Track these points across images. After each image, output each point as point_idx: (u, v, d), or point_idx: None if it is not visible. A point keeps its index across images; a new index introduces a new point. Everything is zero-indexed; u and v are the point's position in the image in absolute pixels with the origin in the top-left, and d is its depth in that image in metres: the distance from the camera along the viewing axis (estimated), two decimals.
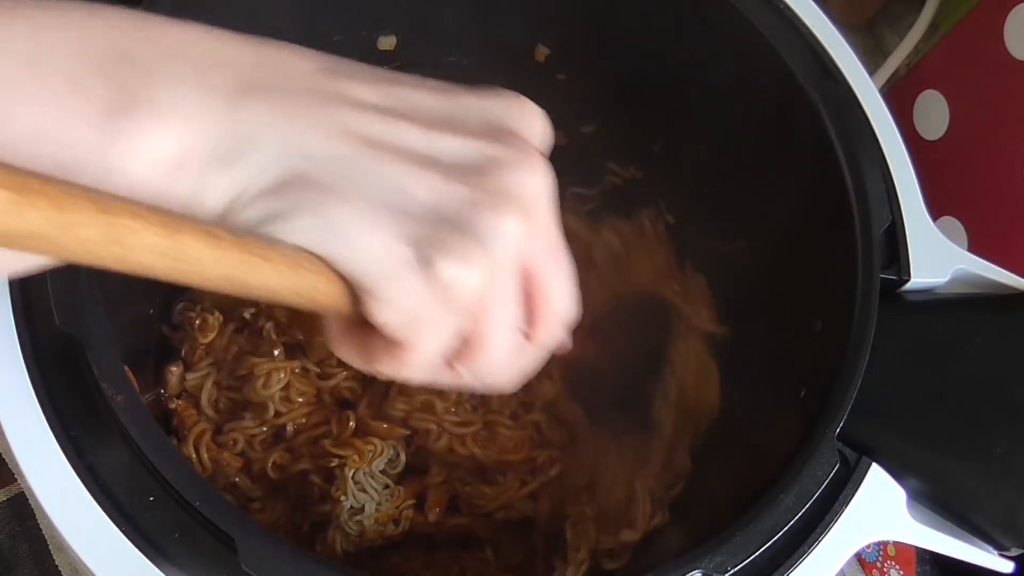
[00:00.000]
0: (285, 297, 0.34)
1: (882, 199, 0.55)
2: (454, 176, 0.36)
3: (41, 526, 0.72)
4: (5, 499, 0.73)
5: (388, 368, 0.38)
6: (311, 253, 0.34)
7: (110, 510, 0.43)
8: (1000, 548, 0.50)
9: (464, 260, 0.35)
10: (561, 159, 0.42)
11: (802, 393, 0.56)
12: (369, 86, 0.37)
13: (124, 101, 0.32)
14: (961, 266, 0.54)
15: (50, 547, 0.72)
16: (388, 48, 0.74)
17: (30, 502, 0.72)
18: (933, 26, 0.90)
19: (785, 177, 0.63)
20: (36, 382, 0.46)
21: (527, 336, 0.41)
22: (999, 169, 0.72)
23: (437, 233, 0.35)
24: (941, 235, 0.55)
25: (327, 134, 0.35)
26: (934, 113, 0.79)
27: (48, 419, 0.45)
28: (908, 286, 0.55)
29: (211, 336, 0.67)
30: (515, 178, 0.37)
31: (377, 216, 0.34)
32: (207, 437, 0.66)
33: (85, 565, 0.43)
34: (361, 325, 0.38)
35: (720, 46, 0.63)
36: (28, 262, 0.35)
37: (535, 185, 0.37)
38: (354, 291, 0.35)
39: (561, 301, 0.41)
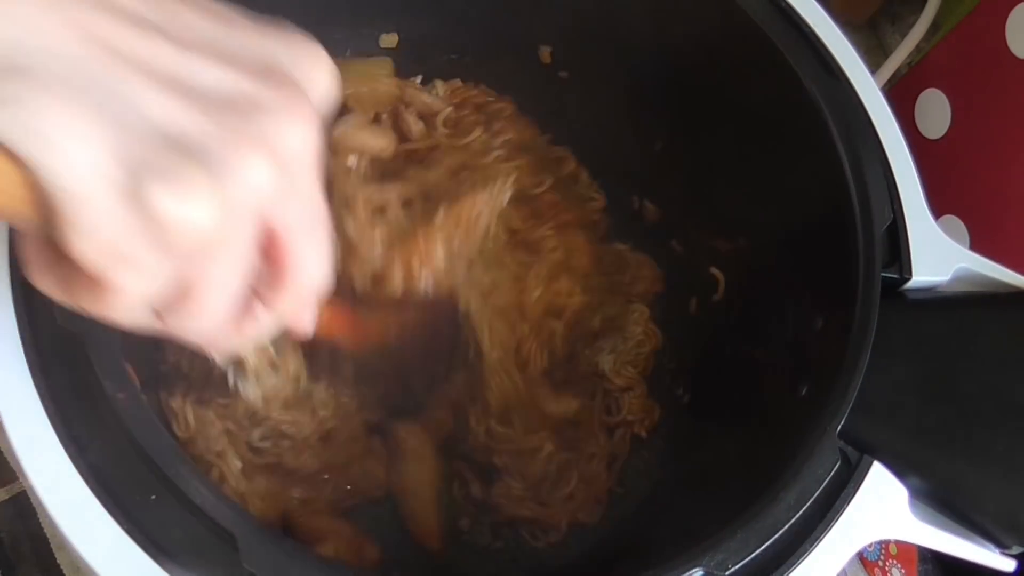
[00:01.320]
0: None
1: (883, 197, 0.55)
2: (200, 106, 0.32)
3: (43, 524, 0.72)
4: (7, 497, 0.73)
5: (90, 307, 0.34)
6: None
7: (112, 508, 0.43)
8: (1002, 546, 0.50)
9: (185, 192, 0.31)
10: None
11: (803, 391, 0.56)
12: None
13: None
14: (963, 264, 0.54)
15: (52, 546, 0.72)
16: (390, 45, 0.74)
17: (31, 500, 0.72)
18: (935, 25, 0.90)
19: (786, 175, 0.63)
20: (37, 379, 0.46)
21: (264, 301, 0.38)
22: (1001, 167, 0.72)
23: (161, 159, 0.31)
24: (943, 233, 0.55)
25: (59, 33, 0.30)
26: (935, 111, 0.79)
27: (49, 417, 0.45)
28: (909, 284, 0.55)
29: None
30: (274, 124, 0.33)
31: (92, 125, 0.30)
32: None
33: (87, 563, 0.43)
34: (63, 252, 0.33)
35: (722, 44, 0.63)
36: None
37: (296, 136, 0.34)
38: (49, 208, 0.31)
39: (309, 273, 0.38)
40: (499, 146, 0.77)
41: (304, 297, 0.39)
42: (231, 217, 0.32)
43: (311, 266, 0.38)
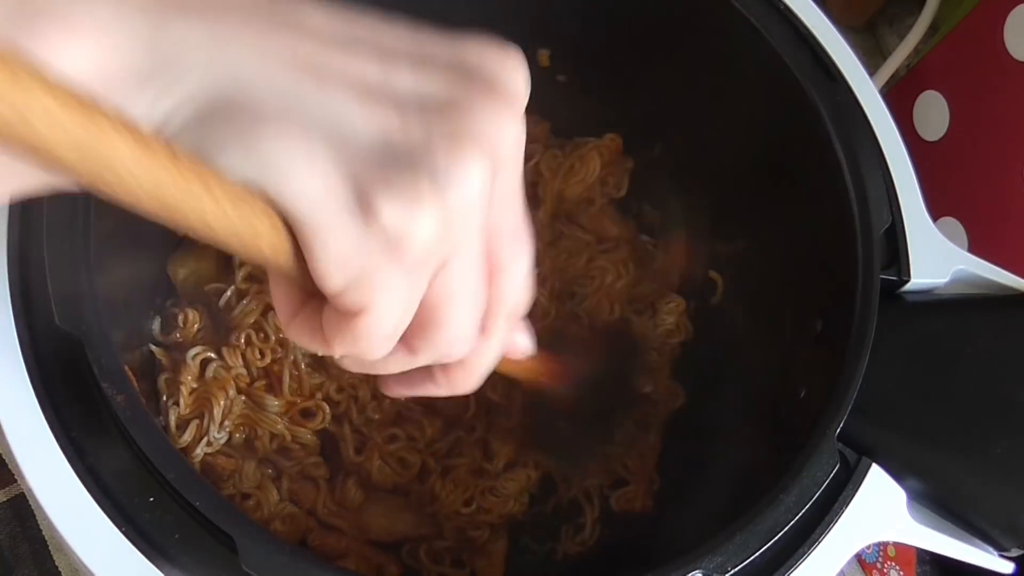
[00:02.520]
0: (224, 238, 0.30)
1: (882, 200, 0.55)
2: (410, 111, 0.31)
3: (41, 527, 0.72)
4: (5, 500, 0.73)
5: (343, 346, 0.34)
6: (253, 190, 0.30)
7: (110, 510, 0.43)
8: (1000, 549, 0.50)
9: (410, 201, 0.30)
10: None
11: (802, 393, 0.56)
12: (327, 16, 0.32)
13: (27, 11, 0.27)
14: (961, 267, 0.55)
15: (50, 548, 0.72)
16: None
17: (30, 503, 0.72)
18: (933, 27, 0.90)
19: (785, 178, 0.63)
20: (36, 382, 0.45)
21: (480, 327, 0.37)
22: (999, 170, 0.72)
23: (382, 171, 0.30)
24: (941, 236, 0.55)
25: (265, 59, 0.30)
26: (934, 114, 0.79)
27: (48, 419, 0.45)
28: (908, 287, 0.55)
29: (193, 328, 0.67)
30: (483, 119, 0.32)
31: (313, 147, 0.30)
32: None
33: (85, 566, 0.43)
34: (313, 298, 0.34)
35: (720, 47, 0.63)
36: None
37: (507, 131, 0.32)
38: (298, 245, 0.31)
39: (519, 289, 0.37)
40: None
41: (514, 317, 0.38)
42: (459, 220, 0.32)
43: (521, 282, 0.37)
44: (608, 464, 0.73)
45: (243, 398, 0.66)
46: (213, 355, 0.66)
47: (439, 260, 0.32)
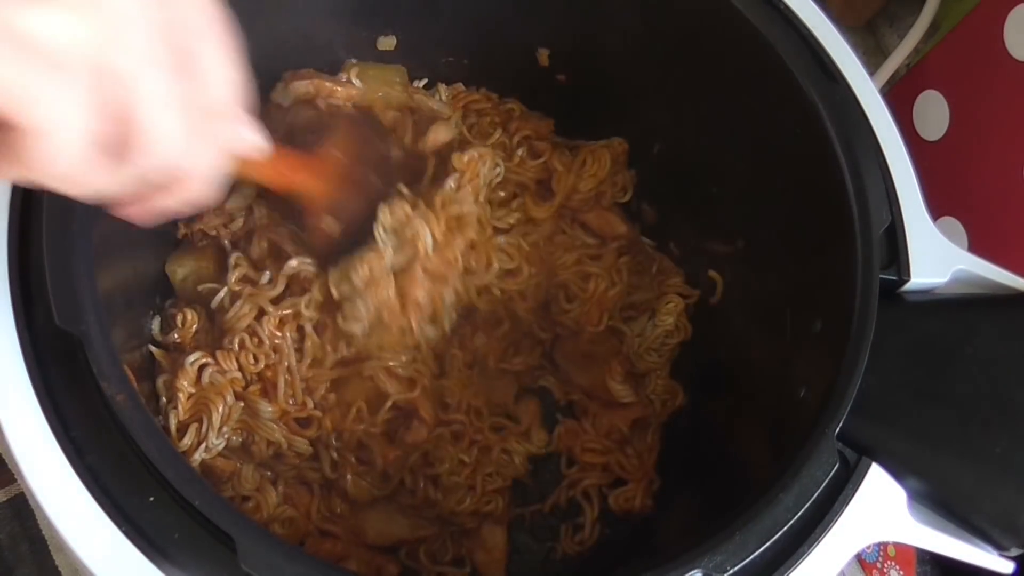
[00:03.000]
0: None
1: (882, 199, 0.55)
2: None
3: (41, 526, 0.72)
4: (5, 499, 0.73)
5: (21, 166, 0.32)
6: None
7: (109, 510, 0.43)
8: (1000, 548, 0.50)
9: (54, 5, 0.29)
10: None
11: (802, 393, 0.56)
12: None
13: None
14: (961, 266, 0.54)
15: (50, 547, 0.72)
16: (388, 48, 0.74)
17: (30, 502, 0.72)
18: (933, 26, 0.90)
19: (784, 177, 0.63)
20: (36, 381, 0.45)
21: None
22: (999, 169, 0.72)
23: None
24: (941, 235, 0.55)
25: None
26: (934, 113, 0.79)
27: (47, 419, 0.45)
28: (908, 286, 0.55)
29: (192, 329, 0.67)
30: None
31: None
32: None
33: (85, 565, 0.43)
34: None
35: (720, 46, 0.63)
36: None
37: None
38: None
39: (219, 82, 0.36)
40: (519, 143, 0.78)
41: (225, 109, 0.37)
42: (123, 17, 0.30)
43: (220, 70, 0.35)
44: None
45: (241, 404, 0.66)
46: (210, 360, 0.66)
47: (105, 60, 0.31)
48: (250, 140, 0.42)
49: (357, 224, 0.66)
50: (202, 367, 0.65)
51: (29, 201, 0.48)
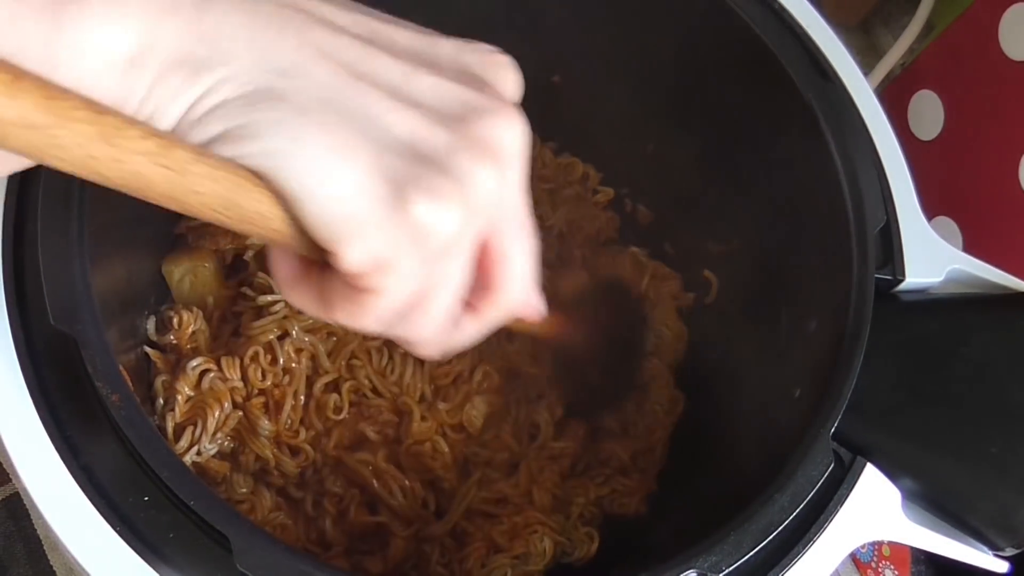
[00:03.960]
0: (227, 219, 0.32)
1: (877, 199, 0.55)
2: (433, 117, 0.34)
3: (36, 526, 0.72)
4: (0, 499, 0.73)
5: (346, 317, 0.36)
6: (262, 177, 0.32)
7: (105, 510, 0.43)
8: (995, 548, 0.50)
9: (443, 200, 0.33)
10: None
11: (797, 393, 0.56)
12: (343, 10, 0.34)
13: None
14: (956, 266, 0.55)
15: (45, 547, 0.72)
16: None
17: (25, 502, 0.72)
18: (928, 26, 0.90)
19: (779, 177, 0.63)
20: (30, 381, 0.45)
21: (473, 307, 0.39)
22: (994, 169, 0.73)
23: (415, 171, 0.33)
24: (936, 235, 0.56)
25: (301, 51, 0.32)
26: (929, 113, 0.79)
27: (43, 419, 0.45)
28: (903, 286, 0.55)
29: (188, 330, 0.67)
30: (494, 127, 0.34)
31: (356, 146, 0.32)
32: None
33: (80, 565, 0.42)
34: (317, 266, 0.35)
35: (714, 45, 0.63)
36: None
37: (513, 138, 0.35)
38: (312, 229, 0.33)
39: (520, 277, 0.39)
40: None
41: (513, 302, 0.40)
42: (472, 219, 0.34)
43: (522, 270, 0.39)
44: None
45: (240, 413, 0.66)
46: (213, 366, 0.65)
47: (447, 249, 0.34)
48: (535, 312, 0.46)
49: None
50: (203, 372, 0.65)
51: (24, 201, 0.48)
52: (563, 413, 0.73)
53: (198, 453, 0.63)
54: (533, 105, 0.77)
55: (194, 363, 0.65)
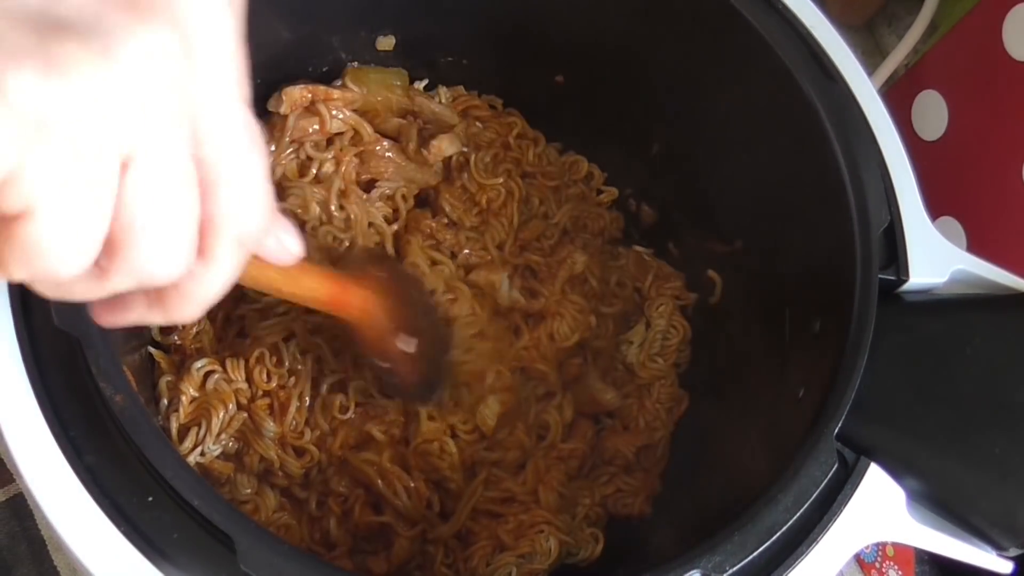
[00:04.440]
0: None
1: (881, 199, 0.55)
2: None
3: (40, 526, 0.72)
4: (4, 499, 0.73)
5: (18, 263, 0.28)
6: None
7: (108, 510, 0.43)
8: (999, 548, 0.50)
9: (57, 62, 0.25)
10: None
11: (801, 393, 0.56)
12: None
13: None
14: (960, 266, 0.54)
15: (49, 547, 0.72)
16: (387, 48, 0.74)
17: (29, 502, 0.72)
18: (932, 26, 0.90)
19: (783, 177, 0.63)
20: (34, 382, 0.46)
21: (199, 251, 0.32)
22: (998, 169, 0.72)
23: (34, 35, 0.25)
24: (940, 235, 0.55)
25: None
26: (933, 113, 0.79)
27: (46, 419, 0.45)
28: (907, 286, 0.55)
29: (192, 331, 0.66)
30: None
31: None
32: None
33: (84, 565, 0.43)
34: None
35: (719, 46, 0.63)
36: None
37: (202, 10, 0.29)
38: None
39: (247, 205, 0.32)
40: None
41: (240, 234, 0.33)
42: (134, 104, 0.27)
43: (244, 192, 0.32)
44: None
45: (244, 415, 0.65)
46: (217, 368, 0.65)
47: (117, 153, 0.28)
48: (282, 251, 0.40)
49: (428, 346, 0.66)
50: (208, 373, 0.65)
51: None
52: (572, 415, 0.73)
53: (202, 454, 0.63)
54: (537, 104, 0.78)
55: (199, 364, 0.65)
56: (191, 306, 0.35)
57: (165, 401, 0.65)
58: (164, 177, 0.29)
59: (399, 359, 0.64)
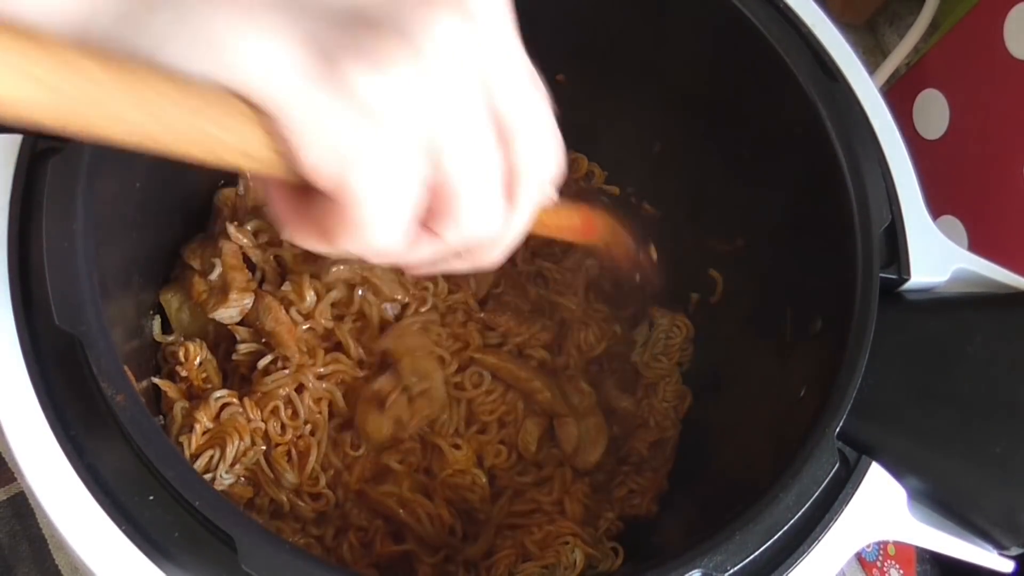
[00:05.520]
0: (196, 150, 0.28)
1: (882, 198, 0.55)
2: None
3: (41, 525, 0.72)
4: (5, 498, 0.73)
5: (350, 240, 0.31)
6: (218, 85, 0.27)
7: (110, 509, 0.43)
8: (1000, 547, 0.50)
9: (380, 61, 0.28)
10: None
11: (802, 392, 0.56)
12: None
13: None
14: (961, 265, 0.54)
15: (50, 546, 0.72)
16: None
17: (30, 501, 0.72)
18: (933, 25, 0.90)
19: (785, 176, 0.63)
20: (36, 381, 0.45)
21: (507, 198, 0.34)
22: (999, 168, 0.72)
23: (347, 36, 0.28)
24: (941, 234, 0.55)
25: None
26: (934, 112, 0.79)
27: (48, 418, 0.45)
28: (908, 285, 0.55)
29: (195, 361, 0.65)
30: None
31: (268, 18, 0.27)
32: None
33: (85, 564, 0.43)
34: (308, 194, 0.31)
35: (720, 46, 0.63)
36: None
37: None
38: (275, 135, 0.28)
39: (542, 149, 0.34)
40: None
41: (544, 178, 0.35)
42: (441, 82, 0.29)
43: (542, 132, 0.34)
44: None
45: (262, 449, 0.65)
46: (235, 402, 0.65)
47: (431, 129, 0.30)
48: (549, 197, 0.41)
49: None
50: (225, 405, 0.64)
51: (29, 201, 0.48)
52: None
53: (212, 480, 0.63)
54: None
55: (217, 394, 0.64)
56: (498, 252, 0.37)
57: (176, 429, 0.64)
58: (473, 144, 0.31)
59: (647, 267, 0.65)
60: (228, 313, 0.67)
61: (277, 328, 0.66)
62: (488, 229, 0.34)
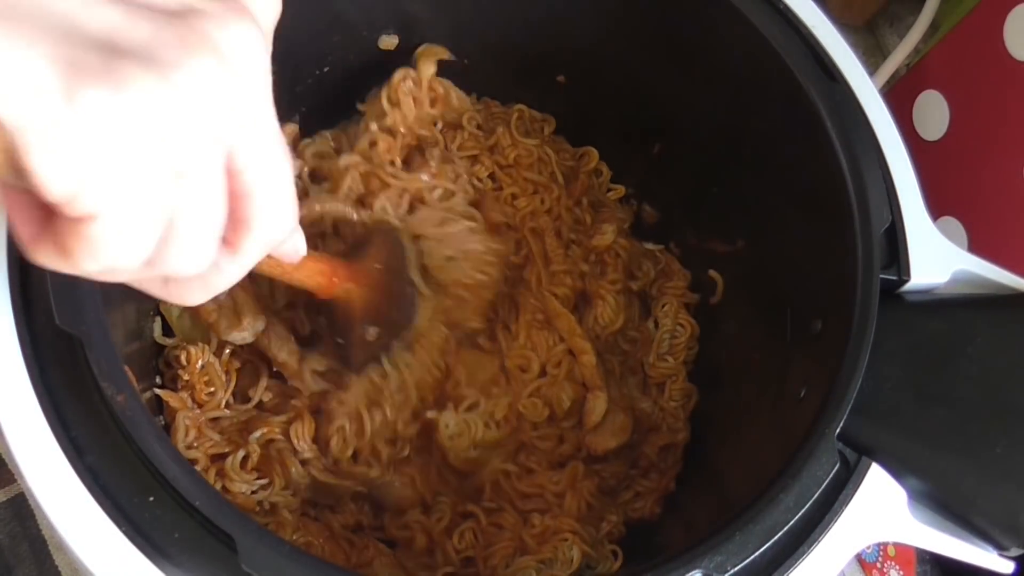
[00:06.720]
0: None
1: (882, 199, 0.55)
2: (140, 14, 0.30)
3: (41, 526, 0.72)
4: (5, 499, 0.73)
5: (88, 258, 0.31)
6: None
7: (110, 510, 0.43)
8: (1000, 548, 0.50)
9: (122, 81, 0.29)
10: None
11: (802, 393, 0.56)
12: None
13: None
14: (961, 266, 0.54)
15: (50, 547, 0.72)
16: (389, 48, 0.74)
17: (30, 502, 0.72)
18: (933, 26, 0.90)
19: (784, 177, 0.63)
20: (36, 381, 0.45)
21: (228, 243, 0.36)
22: (999, 169, 0.72)
23: (101, 59, 0.29)
24: (941, 235, 0.55)
25: None
26: (934, 113, 0.79)
27: (48, 419, 0.45)
28: (908, 286, 0.55)
29: (197, 364, 0.65)
30: (217, 26, 0.31)
31: (24, 33, 0.28)
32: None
33: (85, 565, 0.43)
34: (49, 213, 0.31)
35: (720, 46, 0.63)
36: None
37: (245, 37, 0.32)
38: (14, 150, 0.28)
39: (274, 212, 0.35)
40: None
41: (269, 235, 0.36)
42: (186, 118, 0.30)
43: (274, 195, 0.35)
44: None
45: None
46: (279, 436, 0.66)
47: (172, 160, 0.31)
48: (294, 251, 0.45)
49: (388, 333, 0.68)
50: (269, 441, 0.66)
51: None
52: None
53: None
54: (538, 104, 0.77)
55: (257, 434, 0.65)
56: (204, 292, 0.38)
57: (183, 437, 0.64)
58: (203, 187, 0.32)
59: (357, 341, 0.67)
60: (241, 336, 0.67)
61: (289, 360, 0.68)
62: (191, 270, 0.35)
